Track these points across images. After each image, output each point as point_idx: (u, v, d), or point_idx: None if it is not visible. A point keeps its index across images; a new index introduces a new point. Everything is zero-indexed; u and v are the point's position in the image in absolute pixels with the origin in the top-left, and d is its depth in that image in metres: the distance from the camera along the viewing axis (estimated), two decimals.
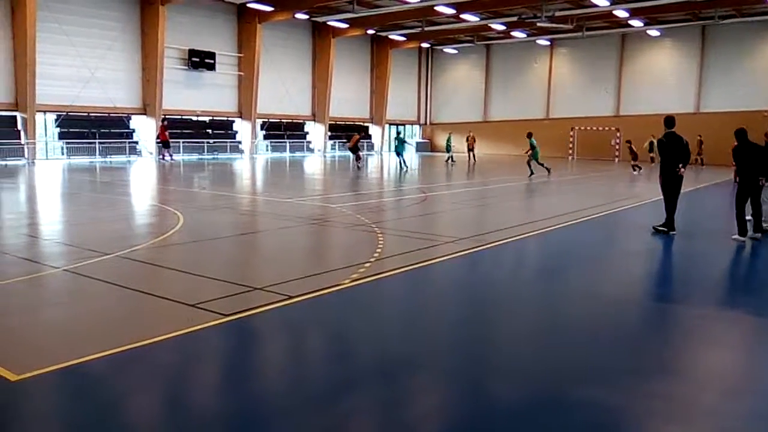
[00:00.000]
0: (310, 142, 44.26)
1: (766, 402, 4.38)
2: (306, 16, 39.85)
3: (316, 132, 44.76)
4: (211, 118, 38.40)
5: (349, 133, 31.90)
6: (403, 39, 46.98)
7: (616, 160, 37.23)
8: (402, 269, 7.96)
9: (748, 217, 10.68)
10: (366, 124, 49.64)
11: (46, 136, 32.06)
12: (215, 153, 36.85)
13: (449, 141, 36.06)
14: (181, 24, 34.84)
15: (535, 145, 24.53)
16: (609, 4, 33.37)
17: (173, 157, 31.98)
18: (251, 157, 37.71)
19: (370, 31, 44.88)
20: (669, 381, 4.64)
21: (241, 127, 39.68)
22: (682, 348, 5.54)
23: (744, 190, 10.52)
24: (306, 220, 12.45)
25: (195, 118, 37.64)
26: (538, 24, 36.01)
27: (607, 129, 41.29)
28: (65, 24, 30.40)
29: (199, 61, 35.92)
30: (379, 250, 8.98)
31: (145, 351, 4.92)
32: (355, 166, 28.26)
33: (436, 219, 13.64)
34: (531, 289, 7.58)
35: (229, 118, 39.37)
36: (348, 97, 46.63)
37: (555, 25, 36.88)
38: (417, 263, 8.30)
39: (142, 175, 25.00)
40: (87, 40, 31.38)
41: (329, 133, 45.16)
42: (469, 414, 4.08)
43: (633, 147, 28.12)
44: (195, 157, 35.62)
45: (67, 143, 31.63)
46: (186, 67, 35.70)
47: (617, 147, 36.78)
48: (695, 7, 35.03)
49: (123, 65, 33.23)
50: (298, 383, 4.52)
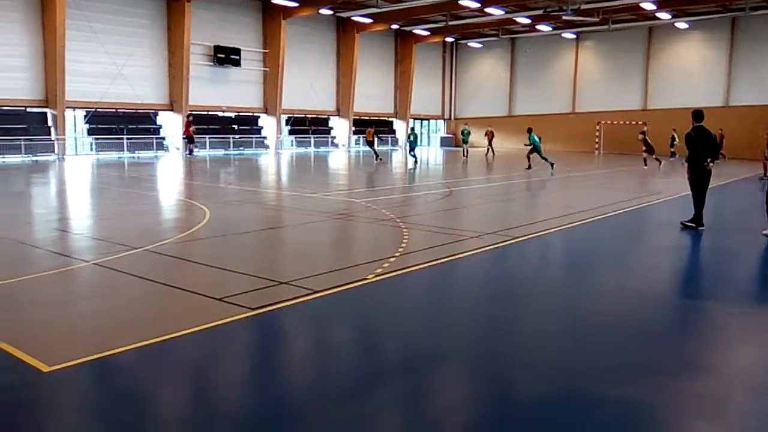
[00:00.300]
0: (334, 138, 44.38)
1: None
2: (330, 12, 39.89)
3: (340, 127, 44.86)
4: (236, 114, 38.69)
5: (365, 128, 32.04)
6: (427, 33, 46.81)
7: (645, 154, 36.77)
8: (427, 264, 7.96)
9: None
10: (390, 119, 49.64)
11: (75, 132, 32.59)
12: (241, 148, 37.16)
13: (465, 134, 35.98)
14: (206, 20, 35.12)
15: (537, 141, 24.66)
16: None
17: (191, 153, 32.19)
18: (276, 153, 37.93)
19: (394, 26, 44.82)
20: (699, 378, 4.59)
21: (267, 123, 39.93)
22: (711, 345, 5.47)
23: None
24: (331, 214, 12.50)
25: (221, 114, 37.96)
26: (564, 17, 35.66)
27: (634, 123, 40.75)
28: (93, 22, 30.82)
29: (225, 57, 36.17)
30: (403, 245, 8.99)
31: (173, 344, 4.99)
32: (377, 159, 28.36)
33: (461, 214, 13.60)
34: (557, 285, 7.53)
35: (255, 114, 39.64)
36: (372, 93, 46.63)
37: (581, 18, 36.50)
38: (442, 258, 8.29)
39: (169, 170, 25.29)
40: (114, 37, 31.78)
41: (353, 128, 45.23)
42: (494, 409, 4.08)
43: (648, 139, 27.66)
44: (221, 152, 35.94)
45: (96, 139, 32.13)
46: (212, 63, 35.99)
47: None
48: None
49: (150, 62, 33.61)
50: (324, 377, 4.55)
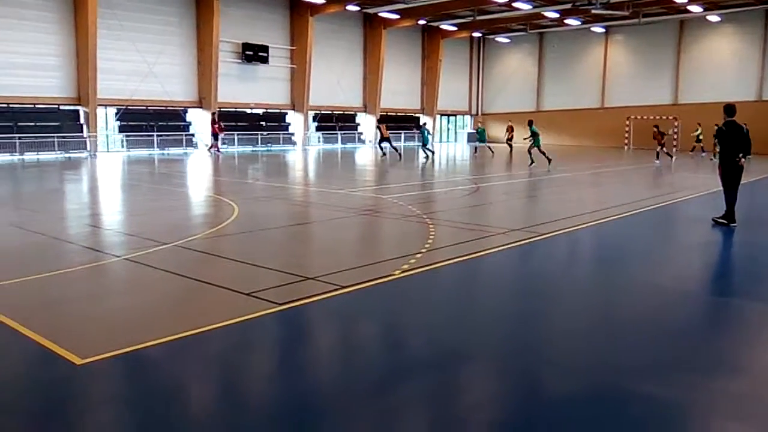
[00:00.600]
0: (361, 134, 44.46)
1: None
2: (357, 8, 39.92)
3: (367, 123, 44.92)
4: (264, 111, 38.97)
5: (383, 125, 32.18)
6: (454, 29, 46.61)
7: (675, 149, 36.19)
8: (453, 260, 7.95)
9: None
10: (417, 115, 49.57)
11: (107, 129, 33.13)
12: (268, 145, 37.43)
13: (481, 132, 35.70)
14: (235, 18, 35.40)
15: (537, 133, 24.59)
16: None
17: (218, 150, 32.49)
18: (303, 149, 38.13)
19: (422, 22, 44.70)
20: (731, 378, 4.52)
21: (294, 119, 40.15)
22: (745, 344, 5.38)
23: None
24: (357, 210, 12.54)
25: (249, 111, 38.26)
26: (593, 11, 35.22)
27: (664, 118, 40.15)
28: (124, 20, 31.27)
29: (253, 54, 36.43)
30: (430, 241, 8.99)
31: (202, 338, 5.07)
32: (396, 155, 28.56)
33: (488, 210, 13.55)
34: (586, 283, 7.47)
35: (282, 111, 39.88)
36: (399, 89, 46.60)
37: (610, 11, 36.02)
38: (468, 255, 8.28)
39: (199, 166, 25.57)
40: (145, 35, 32.22)
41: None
42: (521, 406, 4.07)
43: (661, 130, 27.23)
44: (249, 149, 36.24)
45: (127, 136, 32.61)
46: (240, 61, 36.28)
47: (675, 137, 35.77)
48: None
49: (179, 59, 34.01)
50: (350, 373, 4.58)
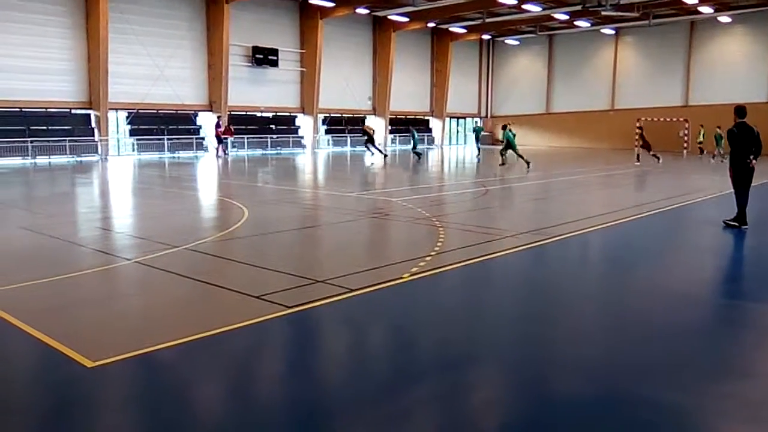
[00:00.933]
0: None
1: None
2: (367, 11, 40.01)
3: (376, 126, 44.94)
4: (274, 114, 39.09)
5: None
6: (463, 31, 46.61)
7: (685, 152, 35.99)
8: (462, 263, 7.94)
9: None
10: (426, 118, 49.57)
11: (118, 133, 33.32)
12: (278, 148, 37.54)
13: (477, 131, 35.74)
14: (245, 22, 35.55)
15: (511, 137, 24.86)
16: None
17: (222, 153, 32.56)
18: (313, 152, 38.20)
19: (431, 24, 44.74)
20: (742, 382, 4.49)
21: (303, 122, 40.25)
22: (757, 348, 5.34)
23: None
24: (367, 213, 12.55)
25: (259, 114, 38.39)
26: (603, 13, 35.12)
27: (675, 120, 39.94)
28: (135, 25, 31.46)
29: (263, 57, 36.57)
30: (439, 244, 8.99)
31: (212, 341, 5.08)
32: (384, 156, 29.24)
33: (497, 213, 13.53)
34: (597, 285, 7.45)
35: (292, 114, 39.99)
36: (408, 91, 46.63)
37: (620, 13, 35.91)
38: (478, 257, 8.27)
39: (209, 170, 25.68)
40: (156, 39, 32.41)
41: (390, 127, 45.30)
42: (531, 409, 4.06)
43: (644, 135, 27.19)
44: (258, 152, 36.37)
45: (138, 140, 32.81)
46: (250, 64, 36.42)
47: (686, 139, 35.60)
48: None
49: (190, 63, 34.19)
50: (359, 376, 4.59)
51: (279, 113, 39.33)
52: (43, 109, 29.65)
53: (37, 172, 23.92)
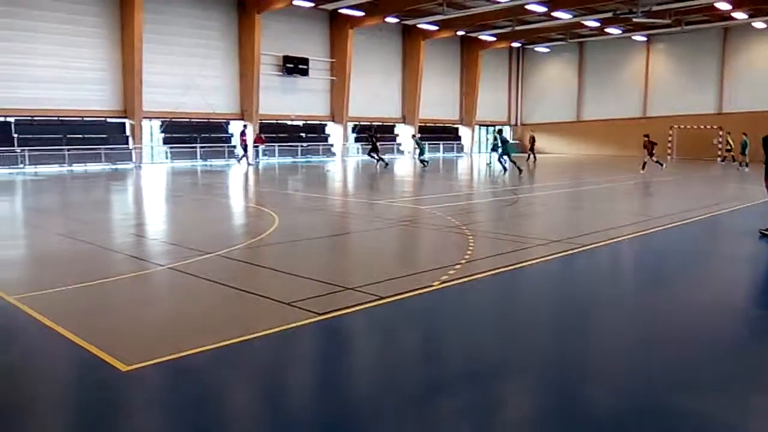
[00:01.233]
0: (399, 144, 44.56)
1: None
2: (396, 20, 40.17)
3: (406, 134, 45.02)
4: (304, 122, 39.38)
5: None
6: (493, 39, 46.49)
7: (719, 160, 35.37)
8: (493, 272, 7.91)
9: None
10: (456, 126, 49.50)
11: (151, 141, 33.88)
12: (308, 156, 37.79)
13: (497, 140, 35.17)
14: (275, 31, 35.93)
15: (505, 141, 25.03)
16: None
17: (242, 161, 32.73)
18: (342, 160, 38.37)
19: (460, 33, 44.71)
20: None
21: (333, 131, 40.48)
22: None
23: None
24: (396, 221, 12.57)
25: (289, 123, 38.72)
26: (634, 20, 34.76)
27: (708, 127, 39.36)
28: (169, 35, 32.03)
29: (293, 66, 36.91)
30: (469, 252, 8.96)
31: (244, 347, 5.13)
32: (384, 165, 29.37)
33: (528, 221, 13.44)
34: (629, 295, 7.35)
35: (322, 122, 40.25)
36: (437, 99, 46.63)
37: (652, 20, 35.48)
38: (508, 266, 8.23)
39: (240, 177, 25.95)
40: (189, 49, 32.94)
41: (419, 135, 45.31)
42: (562, 420, 4.02)
43: (652, 140, 26.62)
44: (289, 160, 36.66)
45: (171, 148, 33.33)
46: (280, 73, 36.77)
47: (720, 147, 34.99)
48: None
49: (221, 72, 34.65)
50: (389, 383, 4.59)
51: (309, 121, 39.62)
52: (80, 118, 30.30)
53: (74, 179, 24.43)
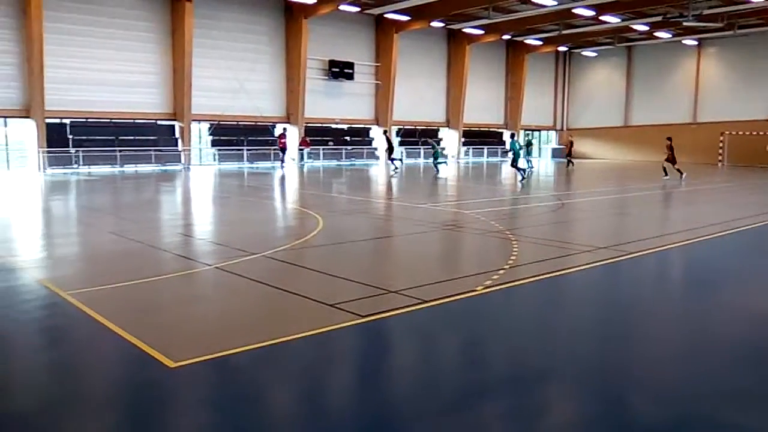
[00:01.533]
0: (444, 149, 44.47)
1: None
2: (441, 24, 40.13)
3: (449, 138, 44.90)
4: (348, 126, 39.64)
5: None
6: (539, 43, 46.05)
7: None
8: (537, 278, 7.83)
9: None
10: (500, 130, 49.15)
11: (200, 143, 34.56)
12: (352, 159, 38.02)
13: (518, 145, 34.17)
14: (322, 36, 36.28)
15: (516, 148, 24.64)
16: None
17: (286, 163, 33.06)
18: (386, 163, 38.44)
19: (506, 37, 44.41)
20: None
21: (378, 134, 40.62)
22: None
23: None
24: (439, 225, 12.55)
25: (334, 126, 39.02)
26: (685, 23, 33.98)
27: (762, 133, 38.14)
28: (218, 39, 32.66)
29: (339, 71, 37.22)
30: (513, 258, 8.89)
31: (288, 346, 5.20)
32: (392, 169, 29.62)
33: (573, 227, 13.27)
34: (676, 304, 7.19)
35: (366, 126, 40.45)
36: (482, 103, 46.39)
37: (703, 24, 34.65)
38: (553, 272, 8.13)
39: (285, 179, 26.25)
40: (237, 54, 33.52)
41: (463, 139, 45.17)
42: (603, 428, 3.97)
43: (672, 145, 25.25)
44: (333, 163, 36.94)
45: (219, 150, 33.94)
46: (326, 77, 37.12)
47: None
48: None
49: (268, 76, 35.15)
50: (430, 387, 4.59)
51: (354, 125, 39.86)
52: (131, 120, 31.10)
53: (125, 179, 25.08)
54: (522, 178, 24.23)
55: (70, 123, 29.33)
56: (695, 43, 43.85)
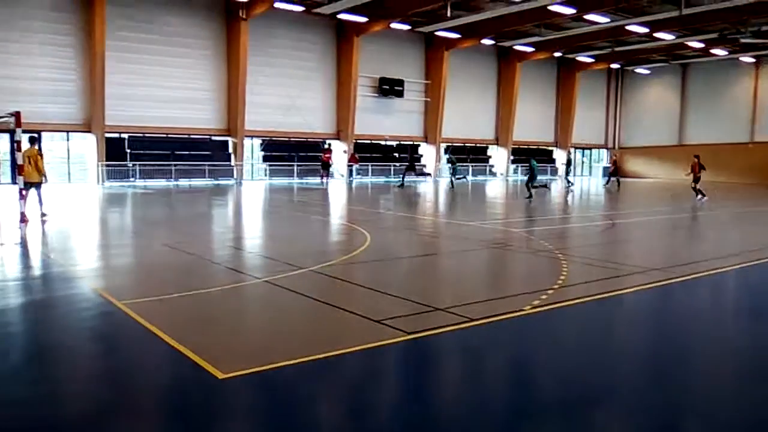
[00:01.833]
0: (492, 166, 44.25)
1: None
2: (492, 42, 40.09)
3: (498, 156, 44.66)
4: (397, 143, 39.82)
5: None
6: (591, 60, 45.55)
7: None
8: (586, 299, 7.70)
9: None
10: (550, 148, 48.65)
11: (252, 158, 35.23)
12: (400, 176, 38.07)
13: (535, 163, 32.65)
14: (373, 54, 36.70)
15: (535, 167, 24.48)
16: None
17: (327, 178, 33.30)
18: (434, 180, 38.45)
19: (557, 54, 44.07)
20: None
21: (426, 151, 40.69)
22: None
23: None
24: (487, 243, 12.46)
25: (383, 143, 39.25)
26: (742, 40, 33.16)
27: None
28: (272, 57, 33.38)
29: (389, 88, 37.54)
30: (562, 278, 8.77)
31: (335, 361, 5.23)
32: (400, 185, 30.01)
33: (624, 247, 13.00)
34: (734, 330, 6.97)
35: (415, 143, 40.57)
36: (532, 121, 46.07)
37: (761, 40, 33.73)
38: (604, 293, 7.98)
39: (334, 195, 26.50)
40: (289, 71, 34.19)
41: (512, 157, 44.85)
42: None
43: (701, 162, 24.54)
44: (382, 179, 37.11)
45: (270, 165, 34.54)
46: (376, 95, 37.45)
47: None
48: None
49: (320, 94, 35.70)
50: (477, 407, 4.55)
51: (402, 142, 40.03)
52: (186, 135, 31.94)
53: (179, 193, 25.72)
54: (529, 196, 23.76)
55: (128, 138, 30.32)
56: (752, 60, 42.70)
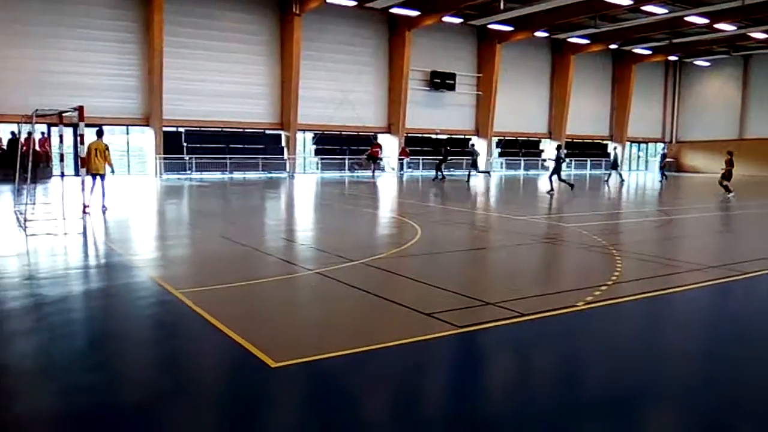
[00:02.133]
0: (544, 160, 43.63)
1: None
2: (545, 34, 39.48)
3: (551, 150, 44.01)
4: (448, 136, 39.65)
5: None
6: (648, 53, 44.39)
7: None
8: (641, 295, 7.55)
9: None
10: (605, 142, 47.69)
11: (304, 152, 35.65)
12: (451, 169, 37.94)
13: (563, 154, 30.59)
14: (425, 47, 36.60)
15: (562, 157, 24.05)
16: None
17: (375, 174, 33.27)
18: (486, 174, 38.14)
19: (612, 46, 43.10)
20: None
21: (477, 145, 40.38)
22: None
23: None
24: (539, 238, 12.34)
25: (434, 137, 39.14)
26: None
27: None
28: (324, 52, 33.65)
29: (440, 82, 37.41)
30: (616, 274, 8.61)
31: (385, 353, 5.28)
32: (440, 179, 29.52)
33: (682, 243, 12.68)
34: None
35: (466, 136, 40.33)
36: (586, 114, 45.23)
37: None
38: (659, 290, 7.81)
39: (385, 189, 26.58)
40: (342, 65, 34.42)
41: (565, 150, 44.14)
42: None
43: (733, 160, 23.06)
44: (433, 173, 37.01)
45: (321, 158, 34.90)
46: (428, 88, 37.37)
47: None
48: None
49: (372, 88, 35.82)
50: (526, 402, 4.54)
51: (453, 135, 39.84)
52: (241, 130, 32.52)
53: (234, 185, 26.23)
54: (551, 189, 23.23)
55: (185, 131, 31.07)
56: None
